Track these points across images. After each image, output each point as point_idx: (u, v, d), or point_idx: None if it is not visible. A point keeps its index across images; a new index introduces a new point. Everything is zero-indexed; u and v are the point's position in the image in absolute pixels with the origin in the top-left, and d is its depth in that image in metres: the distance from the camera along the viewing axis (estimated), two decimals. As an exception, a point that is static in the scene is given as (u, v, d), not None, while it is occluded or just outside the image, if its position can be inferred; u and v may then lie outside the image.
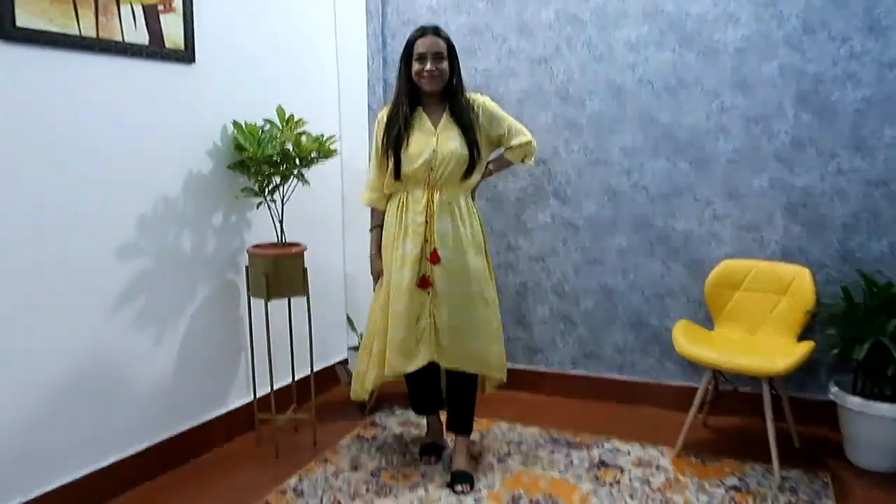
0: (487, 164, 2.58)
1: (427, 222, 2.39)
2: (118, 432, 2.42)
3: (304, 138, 2.69)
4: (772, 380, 2.64)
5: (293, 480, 2.52)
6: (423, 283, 2.39)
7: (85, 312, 2.28)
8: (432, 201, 2.39)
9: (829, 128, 2.73)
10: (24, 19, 2.01)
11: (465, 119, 2.40)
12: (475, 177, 2.47)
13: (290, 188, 2.77)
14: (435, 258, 2.38)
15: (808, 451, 2.73)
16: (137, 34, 2.36)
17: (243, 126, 2.67)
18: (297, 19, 3.12)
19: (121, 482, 2.42)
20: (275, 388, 2.86)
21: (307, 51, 3.21)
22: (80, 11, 2.17)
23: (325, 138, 2.73)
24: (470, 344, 2.42)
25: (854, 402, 2.52)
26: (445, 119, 2.41)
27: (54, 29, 2.10)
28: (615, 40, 2.99)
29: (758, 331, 2.78)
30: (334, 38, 3.39)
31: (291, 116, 2.71)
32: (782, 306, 2.73)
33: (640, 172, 3.04)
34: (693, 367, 3.04)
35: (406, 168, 2.38)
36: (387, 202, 2.53)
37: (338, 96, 3.44)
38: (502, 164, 2.63)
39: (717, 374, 2.85)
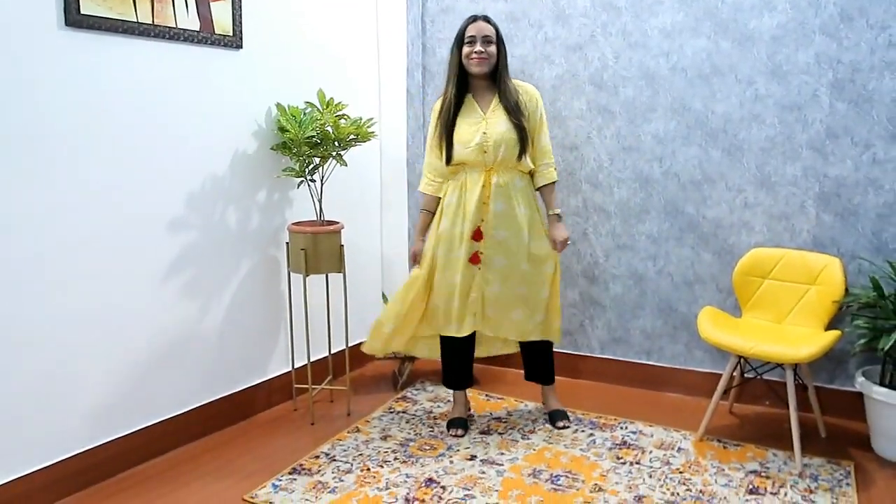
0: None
1: (485, 203, 2.55)
2: (168, 394, 2.61)
3: (342, 121, 2.81)
4: (797, 368, 2.66)
5: (326, 447, 2.67)
6: (474, 258, 2.61)
7: (138, 281, 2.46)
8: (489, 183, 2.56)
9: (866, 117, 2.71)
10: (87, 7, 2.18)
11: (512, 102, 2.55)
12: (528, 159, 2.61)
13: (330, 169, 2.90)
14: (478, 236, 2.59)
15: (834, 440, 2.73)
16: (189, 21, 2.51)
17: (286, 108, 2.81)
18: (339, 6, 3.23)
19: (169, 441, 2.61)
20: (312, 360, 3.01)
21: (349, 37, 3.32)
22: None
23: (363, 121, 2.84)
24: (512, 315, 2.68)
25: (880, 392, 2.52)
26: (495, 104, 2.57)
27: (114, 16, 2.27)
28: (650, 27, 3.01)
29: (785, 319, 2.79)
30: (375, 25, 3.50)
31: (331, 100, 2.83)
32: (811, 295, 2.74)
33: (672, 159, 3.07)
34: (722, 354, 3.06)
35: (458, 152, 2.55)
36: (443, 186, 2.69)
37: (378, 81, 3.55)
38: (542, 193, 2.73)
39: (744, 361, 2.87)
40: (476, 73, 2.55)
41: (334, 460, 2.56)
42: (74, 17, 2.15)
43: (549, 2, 3.18)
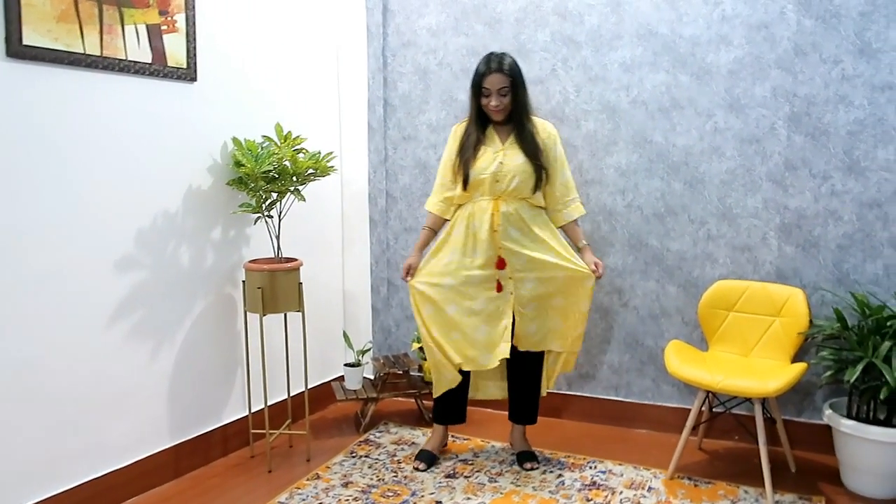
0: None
1: (495, 231, 2.60)
2: (116, 443, 2.45)
3: (301, 155, 2.74)
4: (765, 402, 2.63)
5: (284, 496, 2.53)
6: (498, 286, 2.64)
7: (83, 324, 2.32)
8: (497, 211, 2.59)
9: (823, 149, 2.74)
10: (30, 38, 2.09)
11: (529, 139, 2.61)
12: (539, 195, 2.65)
13: (288, 204, 2.81)
14: (501, 264, 2.62)
15: (804, 475, 2.70)
16: (141, 53, 2.44)
17: (242, 142, 2.73)
18: (298, 39, 3.19)
19: (116, 494, 2.45)
20: (270, 403, 2.88)
21: (308, 70, 3.28)
22: (84, 30, 2.24)
23: (322, 156, 2.78)
24: (552, 326, 2.70)
25: (847, 425, 2.49)
26: (512, 139, 2.63)
27: (60, 47, 2.17)
28: (610, 62, 3.03)
29: (751, 352, 2.77)
30: (336, 58, 3.46)
31: (289, 133, 2.76)
32: (775, 328, 2.72)
33: (634, 192, 3.06)
34: (689, 388, 3.02)
35: (473, 179, 2.60)
36: (452, 210, 2.73)
37: (338, 115, 3.50)
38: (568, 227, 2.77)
39: (712, 396, 2.83)
40: (495, 120, 2.63)
41: (292, 510, 2.43)
42: (16, 48, 2.06)
43: (510, 36, 3.19)
